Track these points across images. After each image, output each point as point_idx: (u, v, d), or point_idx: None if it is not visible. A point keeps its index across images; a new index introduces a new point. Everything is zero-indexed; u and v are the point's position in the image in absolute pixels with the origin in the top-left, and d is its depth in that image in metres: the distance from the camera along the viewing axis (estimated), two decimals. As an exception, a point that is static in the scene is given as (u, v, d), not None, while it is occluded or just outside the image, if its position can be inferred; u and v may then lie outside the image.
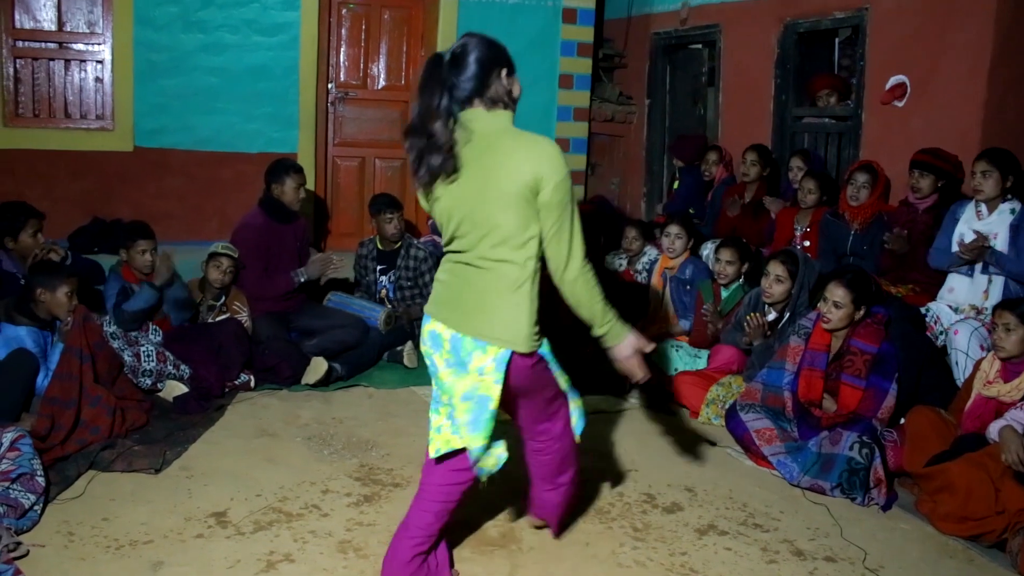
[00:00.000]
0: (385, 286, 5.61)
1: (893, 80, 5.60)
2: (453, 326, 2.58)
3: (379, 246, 5.64)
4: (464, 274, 2.60)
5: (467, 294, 2.58)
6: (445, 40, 6.77)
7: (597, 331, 2.67)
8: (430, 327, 2.65)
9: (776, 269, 4.58)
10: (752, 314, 4.59)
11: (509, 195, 2.48)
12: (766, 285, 4.61)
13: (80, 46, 6.28)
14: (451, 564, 2.94)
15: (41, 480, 3.22)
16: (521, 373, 2.60)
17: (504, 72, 2.59)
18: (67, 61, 6.28)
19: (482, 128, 2.54)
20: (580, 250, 2.56)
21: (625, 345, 2.68)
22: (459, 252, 2.61)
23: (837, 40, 6.77)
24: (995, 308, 3.83)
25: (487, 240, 2.53)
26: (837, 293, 4.02)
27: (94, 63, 6.31)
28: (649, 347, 2.70)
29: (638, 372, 2.72)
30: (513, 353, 2.55)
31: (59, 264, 4.48)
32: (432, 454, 2.66)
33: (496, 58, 2.58)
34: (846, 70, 6.68)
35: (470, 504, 3.13)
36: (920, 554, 3.31)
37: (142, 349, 4.42)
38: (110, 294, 4.55)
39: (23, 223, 4.61)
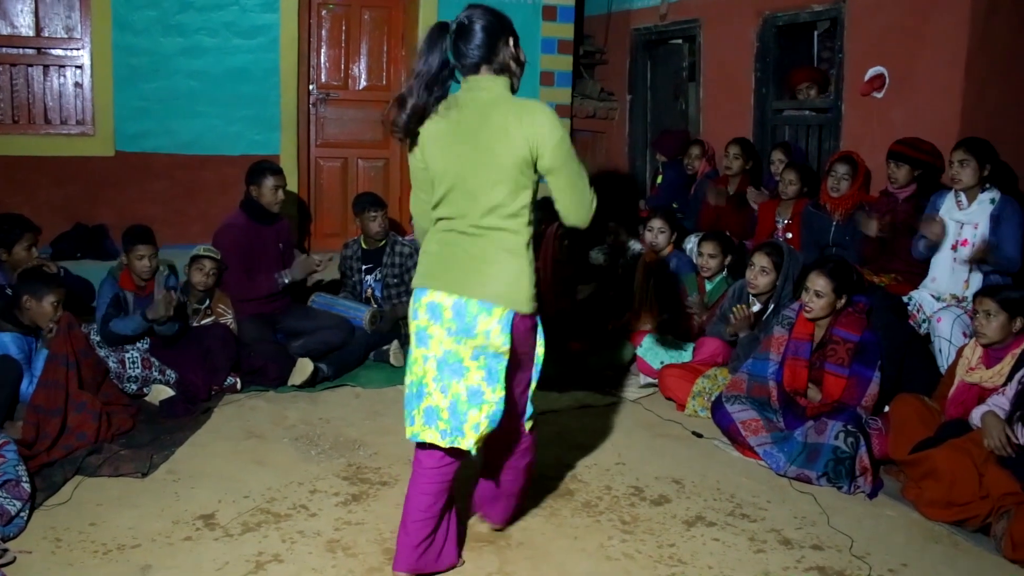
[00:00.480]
0: (371, 285, 5.60)
1: (872, 72, 5.62)
2: (456, 291, 2.59)
3: (364, 245, 5.64)
4: (457, 241, 2.62)
5: (464, 260, 2.60)
6: (426, 39, 6.75)
7: None
8: (428, 298, 2.64)
9: (761, 261, 4.60)
10: (738, 306, 4.61)
11: (503, 167, 2.52)
12: (751, 277, 4.63)
13: (59, 51, 6.23)
14: (460, 550, 2.97)
15: (26, 486, 3.20)
16: (521, 335, 2.64)
17: (511, 40, 2.65)
18: (46, 67, 6.24)
19: (484, 96, 2.61)
20: (592, 197, 2.67)
21: None
22: (449, 219, 2.63)
23: (816, 33, 6.80)
24: (975, 295, 3.87)
25: (479, 208, 2.56)
26: (818, 282, 4.05)
27: (73, 68, 6.28)
28: None
29: None
30: (516, 314, 2.59)
31: (51, 274, 4.41)
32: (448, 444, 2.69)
33: (503, 27, 2.67)
34: (825, 62, 6.71)
35: (458, 501, 3.15)
36: (906, 540, 3.34)
37: (127, 356, 4.41)
38: (101, 302, 4.51)
39: (18, 236, 4.56)
